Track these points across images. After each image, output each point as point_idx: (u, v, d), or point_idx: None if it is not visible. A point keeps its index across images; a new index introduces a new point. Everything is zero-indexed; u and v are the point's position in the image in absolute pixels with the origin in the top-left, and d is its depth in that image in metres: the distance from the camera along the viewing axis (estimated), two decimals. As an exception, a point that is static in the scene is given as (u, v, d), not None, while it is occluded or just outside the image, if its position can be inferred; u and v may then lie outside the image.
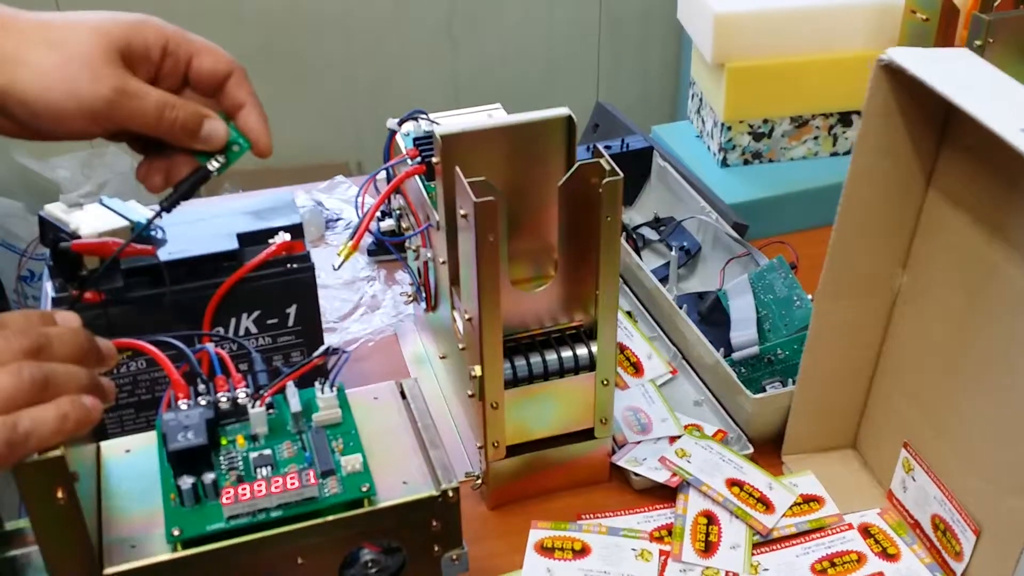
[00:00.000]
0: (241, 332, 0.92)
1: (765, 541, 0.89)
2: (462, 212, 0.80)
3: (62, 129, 0.74)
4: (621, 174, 0.80)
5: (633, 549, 0.88)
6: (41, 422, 0.60)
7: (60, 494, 0.62)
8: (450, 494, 0.72)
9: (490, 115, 1.04)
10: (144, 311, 0.88)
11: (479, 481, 0.93)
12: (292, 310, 0.94)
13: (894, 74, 0.78)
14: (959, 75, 0.76)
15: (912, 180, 0.84)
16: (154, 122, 0.75)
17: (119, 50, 0.74)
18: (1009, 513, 0.78)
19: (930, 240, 0.86)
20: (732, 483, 0.92)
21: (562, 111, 0.85)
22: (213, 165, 0.80)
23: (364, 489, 0.70)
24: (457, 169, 0.79)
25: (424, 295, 1.03)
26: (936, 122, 0.82)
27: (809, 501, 0.91)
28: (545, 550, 0.88)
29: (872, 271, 0.88)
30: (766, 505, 0.90)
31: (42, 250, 0.88)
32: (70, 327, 0.66)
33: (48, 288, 0.89)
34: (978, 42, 1.04)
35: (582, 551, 0.88)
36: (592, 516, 0.91)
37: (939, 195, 0.84)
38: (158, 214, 0.83)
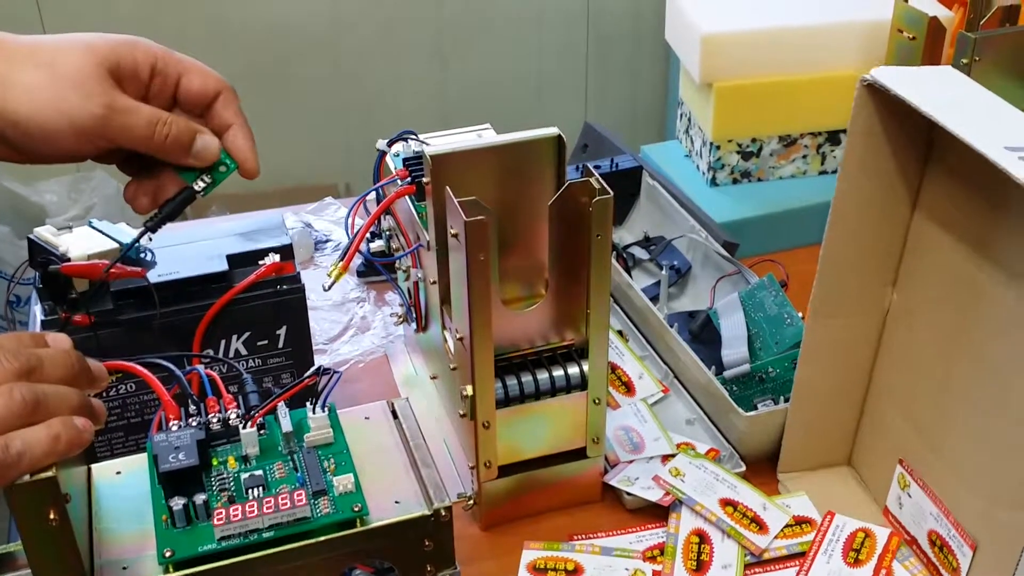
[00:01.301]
0: (231, 354, 0.92)
1: (757, 561, 0.88)
2: (453, 231, 0.80)
3: (54, 149, 0.74)
4: (611, 192, 0.80)
5: (626, 569, 0.88)
6: (33, 443, 0.60)
7: (52, 515, 0.62)
8: (443, 513, 0.72)
9: (480, 135, 1.04)
10: (134, 333, 0.87)
11: (471, 502, 0.92)
12: (282, 331, 0.93)
13: (877, 94, 0.78)
14: (942, 94, 0.76)
15: (898, 200, 0.84)
16: (145, 138, 0.75)
17: (108, 68, 0.74)
18: (1004, 527, 0.78)
19: (918, 259, 0.86)
20: (726, 503, 0.91)
21: (551, 131, 0.85)
22: (199, 185, 0.81)
23: (356, 509, 0.70)
24: (448, 188, 0.79)
25: (415, 316, 1.03)
26: (921, 142, 0.82)
27: (801, 523, 0.91)
28: (538, 571, 0.88)
29: (862, 290, 0.88)
30: (760, 525, 0.90)
31: (29, 275, 0.87)
32: (61, 348, 0.66)
33: (37, 311, 0.89)
34: (964, 60, 1.05)
35: (575, 571, 0.87)
36: (585, 536, 0.91)
37: (925, 215, 0.84)
38: (142, 234, 0.83)
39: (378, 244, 1.05)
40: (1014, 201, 0.74)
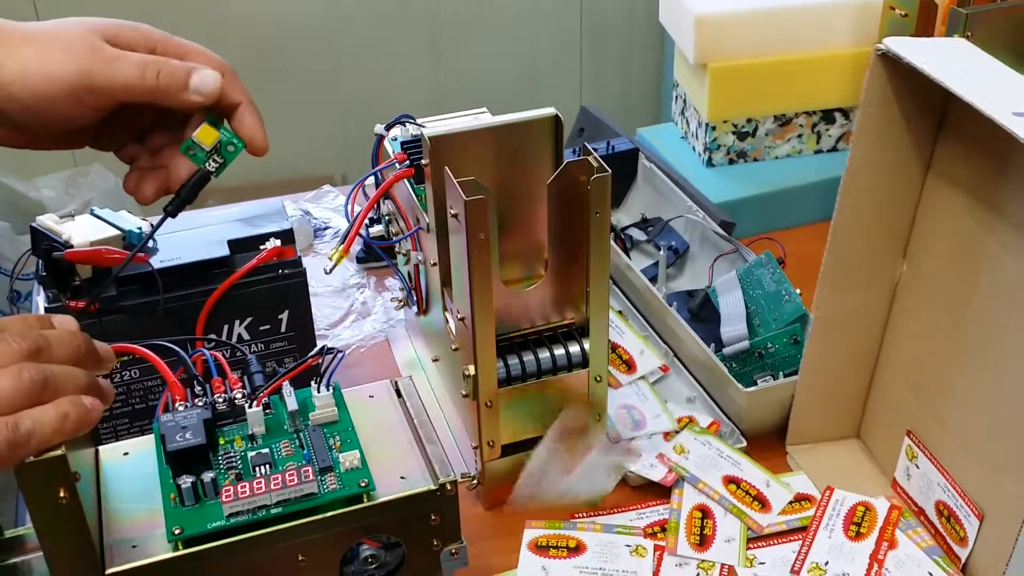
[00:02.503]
0: (234, 339, 0.93)
1: (760, 535, 0.89)
2: (452, 211, 0.80)
3: (49, 116, 0.74)
4: (609, 170, 0.80)
5: (628, 545, 0.88)
6: (42, 422, 0.60)
7: (62, 493, 0.62)
8: (448, 487, 0.73)
9: (476, 118, 1.05)
10: (137, 319, 0.88)
11: (475, 482, 0.93)
12: (284, 316, 0.94)
13: (891, 63, 0.79)
14: (955, 63, 0.77)
15: (911, 169, 0.85)
16: (136, 80, 0.75)
17: (103, 37, 0.75)
18: (1007, 495, 0.79)
19: (929, 229, 0.86)
20: (729, 480, 0.92)
21: (548, 111, 0.86)
22: (211, 166, 0.81)
23: (363, 484, 0.71)
24: (447, 169, 0.80)
25: (415, 299, 1.04)
26: (934, 111, 0.83)
27: (801, 500, 0.92)
28: (540, 548, 0.88)
29: (873, 261, 0.89)
30: (762, 503, 0.91)
31: (29, 269, 0.88)
32: (68, 330, 0.67)
33: (39, 301, 0.89)
34: (956, 36, 1.05)
35: (577, 549, 0.88)
36: (586, 514, 0.92)
37: (938, 184, 0.85)
38: (163, 220, 0.84)
39: (377, 229, 1.05)
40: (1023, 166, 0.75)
